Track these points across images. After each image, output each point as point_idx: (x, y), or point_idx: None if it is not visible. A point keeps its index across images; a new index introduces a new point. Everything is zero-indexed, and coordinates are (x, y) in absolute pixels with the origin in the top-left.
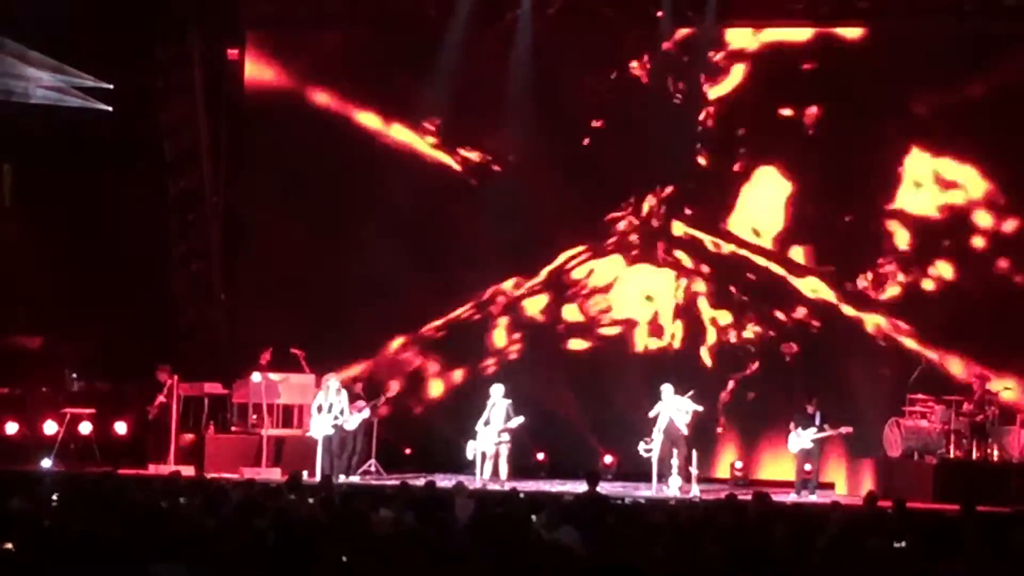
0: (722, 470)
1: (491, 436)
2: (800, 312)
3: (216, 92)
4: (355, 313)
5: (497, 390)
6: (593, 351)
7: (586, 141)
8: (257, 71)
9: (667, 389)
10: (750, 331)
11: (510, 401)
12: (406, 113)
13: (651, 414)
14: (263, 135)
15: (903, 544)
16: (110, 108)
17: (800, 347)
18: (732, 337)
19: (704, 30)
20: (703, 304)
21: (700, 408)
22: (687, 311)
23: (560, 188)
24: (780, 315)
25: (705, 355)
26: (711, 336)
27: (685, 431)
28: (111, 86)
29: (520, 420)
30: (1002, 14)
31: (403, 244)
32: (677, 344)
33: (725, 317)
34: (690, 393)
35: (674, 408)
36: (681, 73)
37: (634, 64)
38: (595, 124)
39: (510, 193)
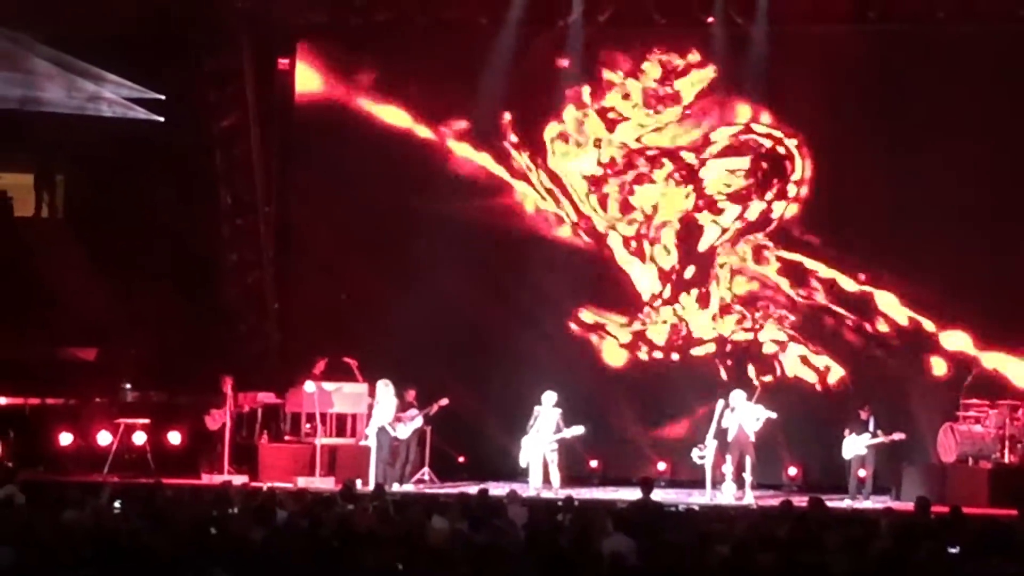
0: (775, 476)
1: (540, 444)
2: (855, 318)
3: (267, 102)
4: (409, 322)
5: (548, 398)
6: (646, 358)
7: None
8: (308, 81)
9: (739, 396)
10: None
11: (561, 411)
12: (456, 121)
13: (724, 424)
14: (315, 144)
15: (957, 550)
16: (162, 119)
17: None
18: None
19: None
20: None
21: (774, 415)
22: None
23: None
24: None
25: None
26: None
27: (753, 438)
28: (163, 97)
29: (580, 430)
30: None
31: (459, 252)
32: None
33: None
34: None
35: (747, 415)
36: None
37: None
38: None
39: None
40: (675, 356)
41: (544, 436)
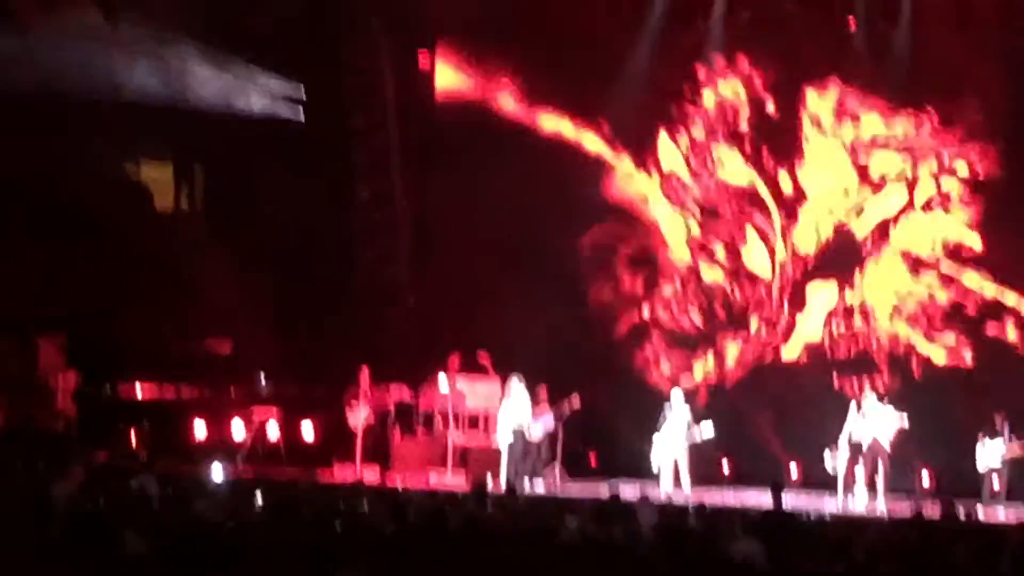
0: (908, 482)
1: (671, 445)
2: (990, 318)
3: (406, 98)
4: (542, 319)
5: (677, 395)
6: (781, 357)
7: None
8: (447, 78)
9: (872, 399)
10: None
11: (690, 407)
12: (597, 121)
13: (854, 435)
14: (452, 141)
15: None
16: (301, 112)
17: (986, 353)
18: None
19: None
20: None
21: (906, 416)
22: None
23: None
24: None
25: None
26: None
27: (888, 444)
28: (302, 90)
29: (711, 432)
30: None
31: (594, 252)
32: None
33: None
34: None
35: (880, 421)
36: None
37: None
38: None
39: None
40: (806, 357)
41: (674, 436)
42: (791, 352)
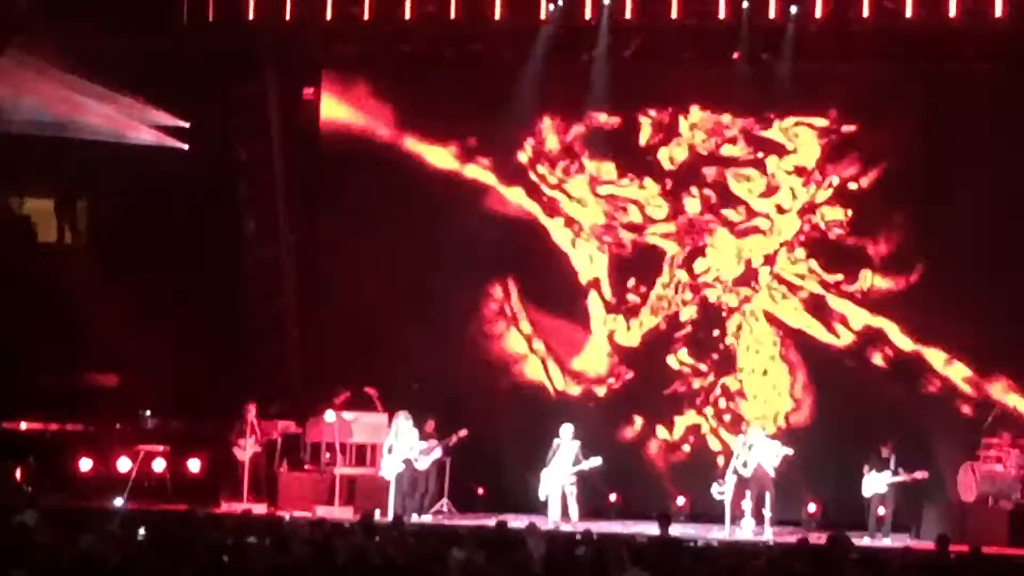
0: (794, 512)
1: (559, 477)
2: (871, 350)
3: (292, 131)
4: (430, 353)
5: (566, 431)
6: (663, 390)
7: (669, 185)
8: (333, 110)
9: (757, 432)
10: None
11: (579, 442)
12: (482, 154)
13: (739, 462)
14: (340, 173)
15: None
16: (187, 146)
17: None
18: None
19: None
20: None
21: (791, 452)
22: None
23: None
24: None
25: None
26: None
27: (773, 474)
28: (188, 124)
29: (597, 462)
30: None
31: (481, 286)
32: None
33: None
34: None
35: (765, 452)
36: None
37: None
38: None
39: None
40: (693, 389)
41: (563, 468)
42: (678, 383)
